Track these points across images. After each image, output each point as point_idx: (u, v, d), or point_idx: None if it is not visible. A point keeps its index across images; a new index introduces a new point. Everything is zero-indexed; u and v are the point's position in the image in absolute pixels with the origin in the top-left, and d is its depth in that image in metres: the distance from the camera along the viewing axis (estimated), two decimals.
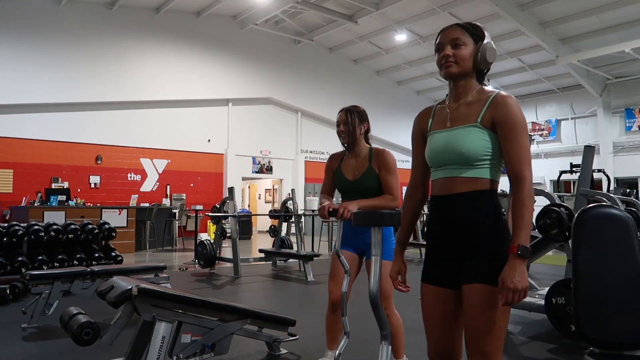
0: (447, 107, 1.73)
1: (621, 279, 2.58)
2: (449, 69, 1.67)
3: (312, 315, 4.62)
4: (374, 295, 1.30)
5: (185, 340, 2.66)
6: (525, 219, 1.55)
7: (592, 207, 2.62)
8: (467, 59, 1.66)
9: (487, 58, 1.67)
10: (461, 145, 1.62)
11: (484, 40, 1.68)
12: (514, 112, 1.60)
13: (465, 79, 1.69)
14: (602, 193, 5.12)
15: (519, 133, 1.59)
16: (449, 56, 1.66)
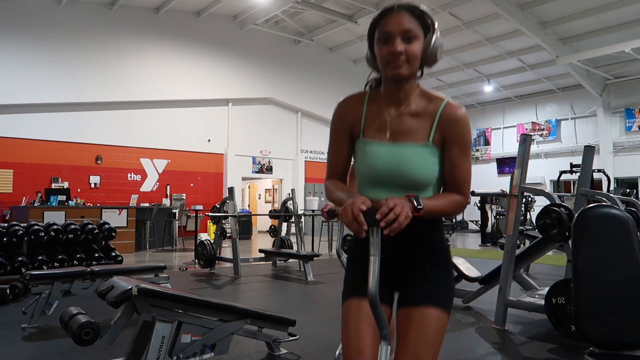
0: (384, 111, 1.47)
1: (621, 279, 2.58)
2: (399, 70, 1.37)
3: (312, 315, 4.62)
4: (372, 295, 1.29)
5: (185, 340, 2.65)
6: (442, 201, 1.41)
7: (592, 207, 2.62)
8: (419, 57, 1.38)
9: (437, 57, 1.41)
10: (412, 169, 1.41)
11: (434, 32, 1.39)
12: (467, 131, 1.43)
13: (410, 80, 1.43)
14: (602, 193, 5.12)
15: (468, 154, 1.46)
16: (400, 53, 1.35)
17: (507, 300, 4.07)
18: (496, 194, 5.65)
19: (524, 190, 4.21)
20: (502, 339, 3.83)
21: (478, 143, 20.85)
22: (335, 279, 6.75)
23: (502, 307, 4.11)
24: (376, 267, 1.29)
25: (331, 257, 9.46)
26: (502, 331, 4.01)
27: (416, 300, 1.43)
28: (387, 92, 1.47)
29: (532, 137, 14.97)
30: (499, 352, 3.48)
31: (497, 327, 4.07)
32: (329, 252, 9.99)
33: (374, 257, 1.30)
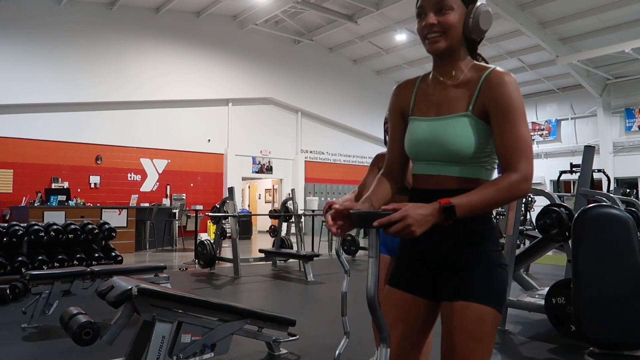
0: (432, 88, 1.43)
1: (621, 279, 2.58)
2: (435, 44, 1.35)
3: (312, 315, 4.63)
4: (371, 297, 1.28)
5: (185, 340, 2.65)
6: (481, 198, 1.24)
7: (592, 207, 2.63)
8: (456, 26, 1.33)
9: (480, 24, 1.34)
10: (450, 140, 1.34)
11: (476, 1, 1.34)
12: (509, 93, 1.30)
13: (454, 52, 1.38)
14: (602, 193, 5.11)
15: (514, 118, 1.29)
16: (433, 25, 1.33)
17: (507, 300, 4.07)
18: None
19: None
20: (502, 339, 3.83)
21: None
22: (335, 279, 6.75)
23: None
24: (375, 268, 1.28)
25: (331, 257, 9.46)
26: (502, 331, 4.01)
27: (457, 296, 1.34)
28: (435, 68, 1.44)
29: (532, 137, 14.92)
30: (499, 352, 3.48)
31: (497, 327, 4.07)
32: (329, 252, 9.99)
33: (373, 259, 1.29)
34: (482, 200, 1.24)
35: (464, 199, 1.23)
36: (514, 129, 1.29)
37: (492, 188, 1.26)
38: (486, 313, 1.31)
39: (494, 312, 1.32)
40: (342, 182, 17.19)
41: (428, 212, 1.19)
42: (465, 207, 1.22)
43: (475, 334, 1.30)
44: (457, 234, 1.35)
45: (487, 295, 1.32)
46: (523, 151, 1.29)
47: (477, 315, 1.31)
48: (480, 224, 1.35)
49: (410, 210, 1.17)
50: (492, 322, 1.33)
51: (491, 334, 1.33)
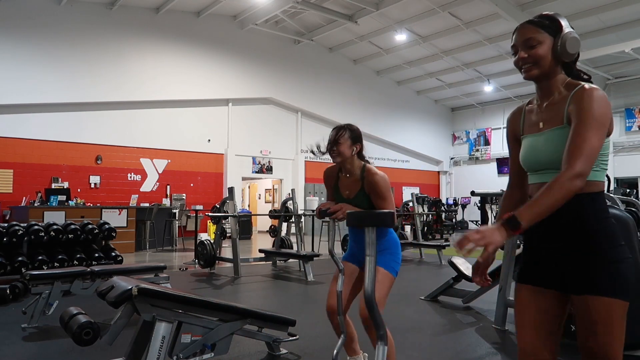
0: (536, 108, 1.65)
1: None
2: (529, 72, 1.58)
3: (312, 315, 4.62)
4: (369, 296, 1.29)
5: (185, 340, 2.66)
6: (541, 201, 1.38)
7: None
8: (545, 56, 1.55)
9: (567, 50, 1.55)
10: (552, 150, 1.52)
11: (562, 31, 1.59)
12: (588, 103, 1.45)
13: (549, 77, 1.58)
14: None
15: (586, 123, 1.43)
16: (525, 59, 1.57)
17: (507, 300, 4.07)
18: (496, 194, 5.65)
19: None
20: (502, 339, 3.83)
21: (478, 143, 20.85)
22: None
23: (502, 307, 4.11)
24: (372, 266, 1.29)
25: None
26: (502, 331, 4.01)
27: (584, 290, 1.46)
28: (537, 92, 1.66)
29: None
30: (499, 352, 3.48)
31: (497, 327, 4.08)
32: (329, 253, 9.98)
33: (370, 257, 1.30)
34: (541, 204, 1.39)
35: (524, 208, 1.39)
36: (583, 131, 1.43)
37: (547, 191, 1.40)
38: (614, 304, 1.43)
39: (618, 302, 1.44)
40: None
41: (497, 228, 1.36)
42: (527, 214, 1.37)
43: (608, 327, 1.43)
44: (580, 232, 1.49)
45: (614, 288, 1.43)
46: (584, 151, 1.41)
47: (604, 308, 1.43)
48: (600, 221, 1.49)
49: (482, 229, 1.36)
50: (620, 312, 1.45)
51: (620, 322, 1.45)
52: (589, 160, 1.40)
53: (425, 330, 4.06)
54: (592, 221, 1.48)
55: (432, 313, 4.72)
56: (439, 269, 7.85)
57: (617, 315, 1.43)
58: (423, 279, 6.79)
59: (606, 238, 1.47)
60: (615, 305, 1.43)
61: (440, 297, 5.28)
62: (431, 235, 14.66)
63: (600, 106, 1.45)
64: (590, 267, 1.46)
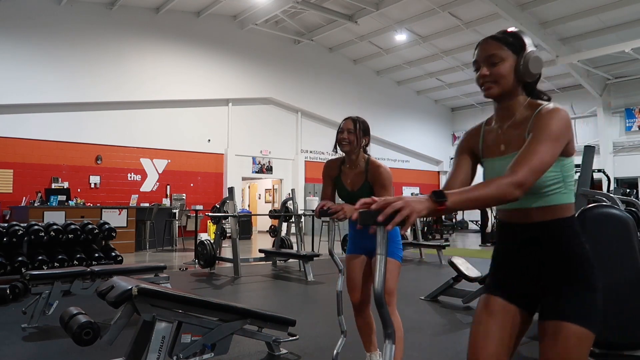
0: (496, 129, 1.58)
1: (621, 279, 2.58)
2: (489, 90, 1.52)
3: (312, 315, 4.63)
4: (378, 294, 1.29)
5: (185, 340, 2.65)
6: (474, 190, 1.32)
7: (592, 207, 2.63)
8: (507, 75, 1.49)
9: (530, 70, 1.48)
10: None
11: (526, 49, 1.50)
12: (547, 119, 1.40)
13: (510, 96, 1.53)
14: (602, 193, 5.11)
15: (541, 136, 1.38)
16: (486, 76, 1.52)
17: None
18: None
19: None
20: None
21: None
22: (335, 279, 6.74)
23: None
24: (383, 266, 1.29)
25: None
26: None
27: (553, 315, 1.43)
28: (496, 112, 1.60)
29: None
30: None
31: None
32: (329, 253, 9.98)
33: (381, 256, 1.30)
34: (472, 192, 1.32)
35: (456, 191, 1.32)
36: (535, 144, 1.37)
37: (483, 186, 1.33)
38: (583, 334, 1.39)
39: (590, 334, 1.40)
40: None
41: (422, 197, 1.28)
42: (456, 196, 1.29)
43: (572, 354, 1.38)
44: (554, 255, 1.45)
45: (584, 316, 1.40)
46: (531, 163, 1.34)
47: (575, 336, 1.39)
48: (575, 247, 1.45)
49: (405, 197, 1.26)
50: (588, 344, 1.41)
51: (584, 354, 1.40)
52: (535, 174, 1.34)
53: (425, 330, 4.06)
54: (571, 246, 1.45)
55: (432, 313, 4.73)
56: (439, 269, 7.85)
57: (584, 345, 1.39)
58: (423, 279, 6.79)
59: (583, 264, 1.44)
60: (585, 335, 1.39)
61: (440, 297, 5.28)
62: (431, 235, 14.67)
63: (559, 124, 1.40)
64: (566, 292, 1.43)
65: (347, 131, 2.70)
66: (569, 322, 1.39)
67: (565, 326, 1.39)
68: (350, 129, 2.70)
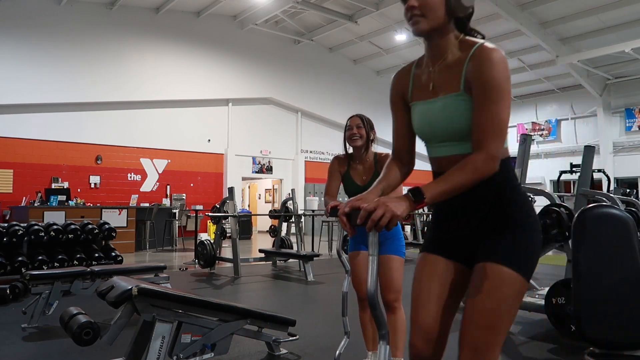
0: (426, 71, 1.46)
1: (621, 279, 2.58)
2: (416, 25, 1.38)
3: (312, 315, 4.63)
4: (371, 295, 1.29)
5: (185, 340, 2.65)
6: (450, 178, 1.27)
7: (592, 207, 2.63)
8: (436, 6, 1.36)
9: (462, 1, 1.37)
10: (450, 120, 1.38)
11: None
12: (492, 69, 1.30)
13: (441, 33, 1.40)
14: (602, 193, 5.12)
15: (493, 95, 1.29)
16: (413, 8, 1.37)
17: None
18: None
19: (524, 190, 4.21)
20: None
21: None
22: (335, 279, 6.74)
23: None
24: (375, 266, 1.29)
25: (331, 257, 9.46)
26: None
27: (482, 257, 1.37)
28: (426, 51, 1.48)
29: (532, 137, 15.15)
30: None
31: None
32: (329, 252, 9.99)
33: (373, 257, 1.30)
34: (449, 182, 1.28)
35: (431, 183, 1.29)
36: (492, 105, 1.30)
37: (458, 171, 1.29)
38: (508, 275, 1.32)
39: (517, 276, 1.33)
40: None
41: (400, 197, 1.24)
42: (432, 189, 1.26)
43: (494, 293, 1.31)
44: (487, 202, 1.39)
45: (511, 258, 1.33)
46: (496, 130, 1.29)
47: (498, 276, 1.32)
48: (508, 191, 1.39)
49: (383, 199, 1.23)
50: (515, 286, 1.33)
51: (512, 297, 1.33)
52: (502, 138, 1.30)
53: None
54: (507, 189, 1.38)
55: None
56: None
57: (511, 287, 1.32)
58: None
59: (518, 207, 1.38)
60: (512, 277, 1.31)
61: None
62: None
63: (503, 72, 1.30)
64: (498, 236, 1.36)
65: (357, 127, 2.81)
66: (495, 263, 1.33)
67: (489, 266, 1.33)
68: (359, 124, 2.81)
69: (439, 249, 1.50)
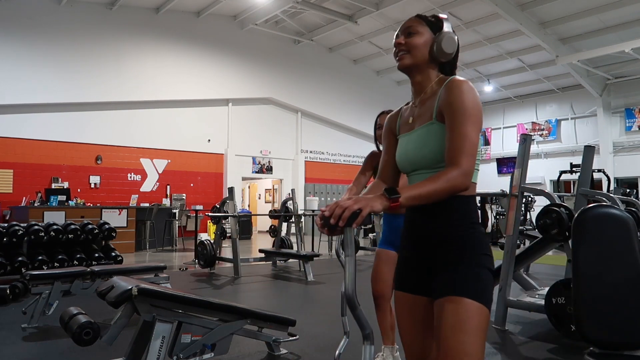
0: (411, 106, 1.62)
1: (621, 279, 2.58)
2: (401, 60, 1.55)
3: (312, 315, 4.63)
4: (349, 296, 1.29)
5: (185, 340, 2.65)
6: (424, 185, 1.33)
7: (592, 207, 2.62)
8: (420, 47, 1.53)
9: (443, 47, 1.51)
10: (421, 147, 1.49)
11: (443, 30, 1.55)
12: (460, 95, 1.41)
13: (422, 72, 1.55)
14: (602, 193, 5.11)
15: (461, 118, 1.39)
16: (400, 44, 1.55)
17: (507, 300, 4.07)
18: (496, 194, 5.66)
19: (524, 190, 4.21)
20: (502, 339, 3.83)
21: None
22: (335, 279, 6.75)
23: (502, 307, 4.11)
24: (352, 267, 1.30)
25: (331, 257, 9.47)
26: (502, 331, 4.01)
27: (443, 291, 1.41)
28: (412, 88, 1.61)
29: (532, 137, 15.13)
30: (499, 352, 3.48)
31: (497, 327, 4.07)
32: (329, 252, 9.99)
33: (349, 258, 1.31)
34: (423, 188, 1.34)
35: (408, 187, 1.35)
36: (460, 127, 1.39)
37: (433, 180, 1.35)
38: (470, 306, 1.35)
39: (478, 305, 1.36)
40: (342, 182, 17.19)
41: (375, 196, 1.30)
42: (407, 191, 1.32)
43: (458, 325, 1.34)
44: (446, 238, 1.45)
45: (469, 289, 1.37)
46: (466, 149, 1.37)
47: (461, 308, 1.35)
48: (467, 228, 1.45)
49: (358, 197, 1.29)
50: (478, 316, 1.35)
51: (478, 327, 1.35)
52: (473, 157, 1.37)
53: None
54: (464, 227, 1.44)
55: None
56: None
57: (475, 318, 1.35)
58: None
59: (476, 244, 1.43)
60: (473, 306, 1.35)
61: None
62: None
63: (471, 99, 1.41)
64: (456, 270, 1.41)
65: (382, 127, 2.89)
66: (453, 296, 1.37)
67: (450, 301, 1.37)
68: None
69: (404, 284, 1.56)
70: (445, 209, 1.44)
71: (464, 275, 1.39)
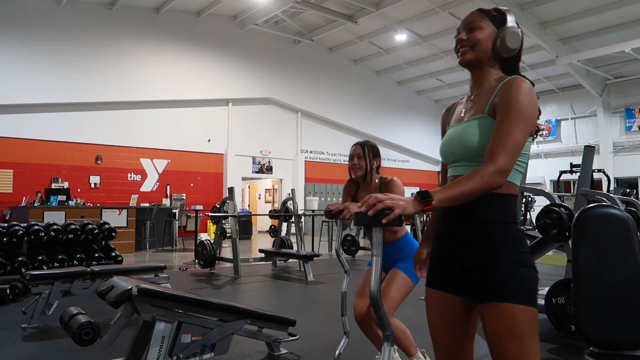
0: (466, 100, 1.60)
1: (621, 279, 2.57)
2: (463, 55, 1.53)
3: (312, 315, 4.63)
4: (374, 295, 1.29)
5: (185, 340, 2.65)
6: (458, 185, 1.31)
7: (592, 207, 2.62)
8: (483, 42, 1.49)
9: (507, 43, 1.48)
10: (466, 138, 1.46)
11: (506, 24, 1.50)
12: (517, 95, 1.39)
13: (483, 66, 1.53)
14: (602, 193, 5.12)
15: (511, 116, 1.37)
16: (462, 40, 1.52)
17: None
18: None
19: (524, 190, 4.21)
20: None
21: None
22: (335, 279, 6.75)
23: None
24: (378, 266, 1.29)
25: (331, 257, 9.46)
26: None
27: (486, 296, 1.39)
28: (470, 80, 1.59)
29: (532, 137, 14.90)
30: None
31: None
32: (329, 252, 9.99)
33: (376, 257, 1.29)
34: (456, 188, 1.31)
35: (441, 188, 1.32)
36: (508, 124, 1.37)
37: (466, 179, 1.33)
38: (515, 309, 1.35)
39: (525, 308, 1.36)
40: (342, 182, 17.16)
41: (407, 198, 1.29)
42: (440, 193, 1.29)
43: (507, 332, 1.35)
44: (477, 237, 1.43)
45: (514, 293, 1.36)
46: (507, 146, 1.35)
47: (507, 313, 1.35)
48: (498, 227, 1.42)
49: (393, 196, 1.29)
50: (527, 319, 1.36)
51: (529, 330, 1.36)
52: (512, 156, 1.34)
53: (425, 331, 4.04)
54: (495, 226, 1.41)
55: None
56: None
57: (523, 321, 1.35)
58: (423, 279, 6.79)
59: (510, 243, 1.40)
60: (520, 311, 1.35)
61: None
62: None
63: (527, 99, 1.39)
64: (493, 272, 1.38)
65: (357, 157, 2.80)
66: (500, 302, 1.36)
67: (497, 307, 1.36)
68: (360, 154, 2.79)
69: (437, 282, 1.55)
70: (476, 208, 1.41)
71: (505, 278, 1.37)
